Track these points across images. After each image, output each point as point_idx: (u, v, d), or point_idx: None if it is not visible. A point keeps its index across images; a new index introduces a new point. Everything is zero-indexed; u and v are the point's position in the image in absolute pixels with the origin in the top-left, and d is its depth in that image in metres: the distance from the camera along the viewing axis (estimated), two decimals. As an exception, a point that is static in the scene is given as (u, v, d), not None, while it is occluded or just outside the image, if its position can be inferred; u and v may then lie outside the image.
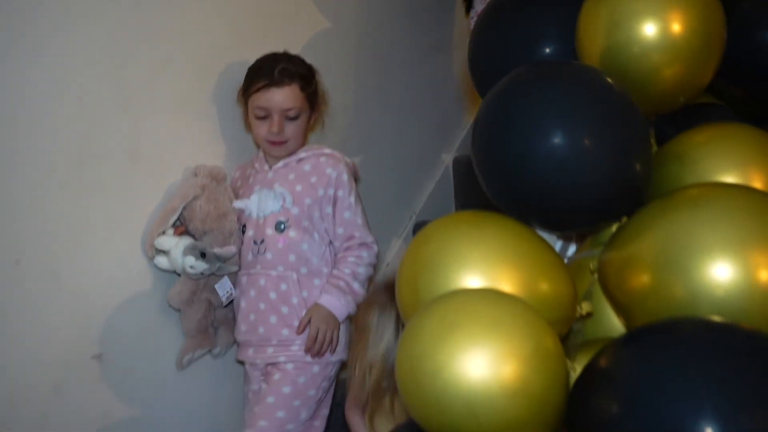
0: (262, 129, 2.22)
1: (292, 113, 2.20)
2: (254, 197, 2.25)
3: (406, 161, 3.31)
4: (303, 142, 2.33)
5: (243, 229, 2.28)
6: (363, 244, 2.27)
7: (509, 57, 1.54)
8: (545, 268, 1.31)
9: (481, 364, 1.08)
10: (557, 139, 1.32)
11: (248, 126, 2.35)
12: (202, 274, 2.13)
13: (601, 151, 1.34)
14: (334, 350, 2.23)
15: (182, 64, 2.32)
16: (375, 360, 1.93)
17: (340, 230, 2.25)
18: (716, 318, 1.15)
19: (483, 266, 1.25)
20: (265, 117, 2.20)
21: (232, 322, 2.34)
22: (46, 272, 2.02)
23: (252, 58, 2.31)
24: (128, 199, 2.20)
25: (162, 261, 2.13)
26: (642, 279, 1.26)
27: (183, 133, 2.35)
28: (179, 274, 2.18)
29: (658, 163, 1.45)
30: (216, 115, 2.48)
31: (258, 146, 2.37)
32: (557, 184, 1.33)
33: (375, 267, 2.34)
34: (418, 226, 3.06)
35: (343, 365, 2.32)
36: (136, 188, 2.22)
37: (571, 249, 1.54)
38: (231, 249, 2.17)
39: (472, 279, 1.24)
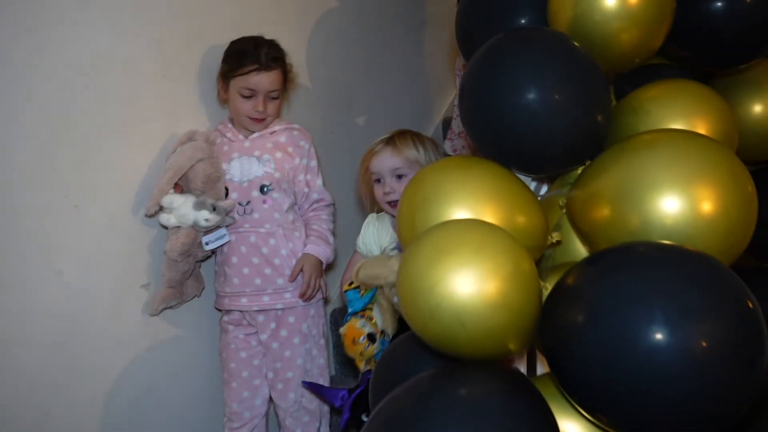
0: (246, 106, 2.20)
1: (274, 94, 2.22)
2: (235, 163, 2.22)
3: (404, 117, 3.30)
4: (276, 117, 2.33)
5: (225, 192, 2.24)
6: (329, 204, 2.37)
7: (491, 27, 1.54)
8: (521, 204, 1.34)
9: (468, 282, 1.11)
10: (531, 95, 1.34)
11: (222, 100, 2.32)
12: (207, 222, 2.09)
13: (568, 104, 1.36)
14: (325, 292, 2.35)
15: (212, 37, 2.33)
16: None
17: (314, 195, 2.30)
18: (665, 242, 1.19)
19: (469, 201, 1.28)
20: (250, 96, 2.19)
21: (199, 275, 2.33)
22: (104, 215, 2.05)
23: (269, 32, 2.30)
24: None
25: (166, 218, 2.09)
26: (603, 212, 1.29)
27: (213, 97, 2.36)
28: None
29: (617, 115, 1.47)
30: None
31: (232, 119, 2.33)
32: (531, 133, 1.36)
33: None
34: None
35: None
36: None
37: (543, 189, 1.56)
38: (232, 201, 2.18)
39: (460, 212, 1.27)
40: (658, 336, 1.06)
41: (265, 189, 2.21)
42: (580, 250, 1.43)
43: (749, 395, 1.12)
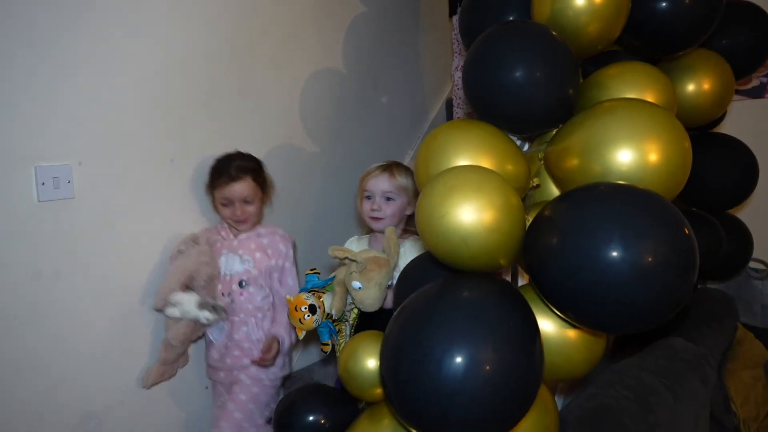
0: (225, 213, 1.99)
1: (248, 199, 1.97)
2: (222, 259, 2.00)
3: (418, 97, 3.19)
4: (259, 218, 2.08)
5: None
6: None
7: (486, 21, 1.49)
8: (510, 155, 1.31)
9: (470, 212, 1.09)
10: (518, 73, 1.31)
11: (216, 209, 2.04)
12: (207, 321, 1.90)
13: (547, 80, 1.32)
14: (280, 366, 2.07)
15: (275, 32, 2.25)
16: None
17: (283, 292, 2.05)
18: (621, 182, 1.15)
19: (471, 153, 1.26)
20: (228, 204, 1.97)
21: (186, 351, 2.05)
22: (189, 176, 2.01)
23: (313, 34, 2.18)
24: (238, 125, 2.17)
25: (172, 311, 1.87)
26: (572, 162, 1.26)
27: (277, 79, 2.29)
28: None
29: (584, 89, 1.43)
30: (301, 68, 2.41)
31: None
32: (517, 102, 1.33)
33: None
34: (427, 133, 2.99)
35: (283, 380, 2.15)
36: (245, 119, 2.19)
37: (526, 146, 1.52)
38: (227, 302, 1.98)
39: (464, 160, 1.24)
40: (615, 253, 1.04)
41: (243, 283, 1.99)
42: (554, 192, 1.40)
43: (682, 299, 1.10)
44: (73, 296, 1.71)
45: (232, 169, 1.94)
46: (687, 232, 1.08)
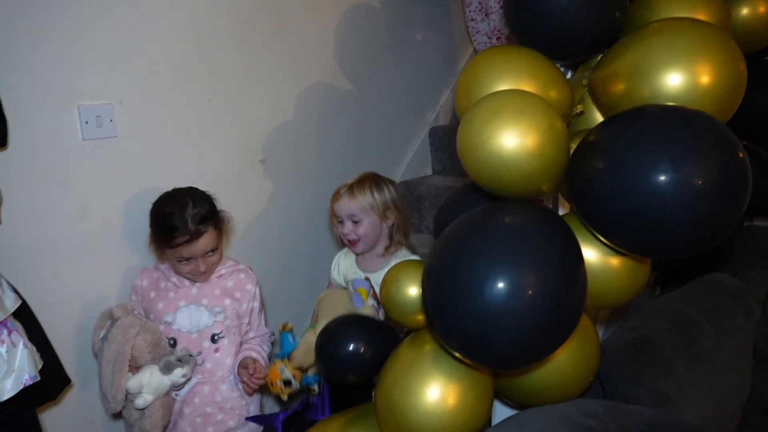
0: (185, 269, 1.66)
1: (211, 251, 1.67)
2: (183, 313, 1.68)
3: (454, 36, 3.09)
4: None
5: (172, 343, 1.68)
6: (266, 334, 1.85)
7: None
8: (554, 81, 1.27)
9: (513, 136, 1.07)
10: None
11: (159, 255, 1.74)
12: (185, 377, 1.60)
13: (591, 1, 1.26)
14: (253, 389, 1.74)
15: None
16: None
17: (251, 334, 1.80)
18: (670, 103, 1.11)
19: (513, 78, 1.22)
20: (188, 260, 1.65)
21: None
22: (225, 117, 2.02)
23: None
24: (272, 65, 2.15)
25: (143, 399, 1.54)
26: (619, 86, 1.22)
27: (311, 17, 2.25)
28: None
29: (631, 11, 1.36)
30: (335, 5, 2.35)
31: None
32: (561, 25, 1.27)
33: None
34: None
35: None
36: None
37: (569, 74, 1.47)
38: (188, 348, 1.67)
39: (505, 86, 1.21)
40: (664, 175, 1.01)
41: (216, 338, 1.70)
42: (599, 119, 1.34)
43: (731, 224, 1.07)
44: (118, 234, 1.75)
45: (189, 223, 1.59)
46: (741, 155, 1.05)
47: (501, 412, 1.41)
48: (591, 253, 1.22)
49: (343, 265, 1.89)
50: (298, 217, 2.26)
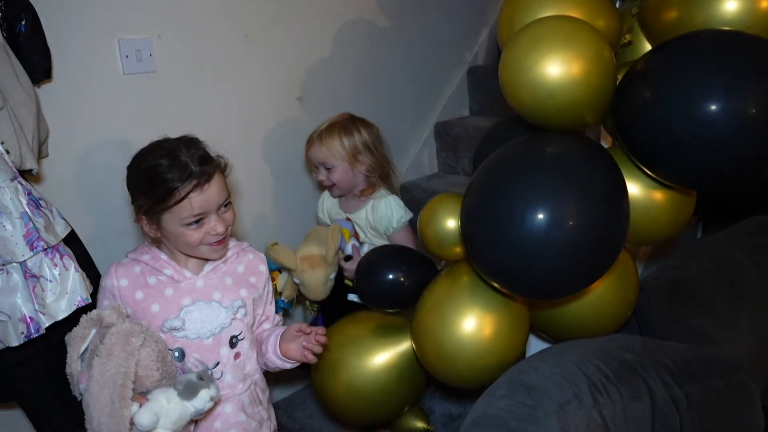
0: (197, 235, 1.18)
1: (227, 202, 1.22)
2: (194, 314, 1.21)
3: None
4: None
5: (178, 355, 1.21)
6: (280, 322, 1.40)
7: None
8: (602, 9, 1.21)
9: (558, 63, 1.04)
10: None
11: (153, 239, 1.25)
12: (213, 401, 1.12)
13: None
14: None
15: None
16: None
17: (267, 325, 1.36)
18: (726, 28, 1.06)
19: (560, 4, 1.17)
20: (200, 221, 1.18)
21: None
22: (267, 45, 2.00)
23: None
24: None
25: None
26: (671, 14, 1.17)
27: None
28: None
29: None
30: None
31: (164, 249, 1.26)
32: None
33: None
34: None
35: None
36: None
37: (618, 2, 1.41)
38: (204, 363, 1.21)
39: (552, 12, 1.16)
40: (715, 104, 0.98)
41: (235, 341, 1.26)
42: (648, 50, 1.30)
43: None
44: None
45: (191, 164, 1.15)
46: (799, 81, 1.00)
47: (536, 345, 1.42)
48: (634, 187, 1.20)
49: (327, 205, 1.88)
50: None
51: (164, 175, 1.14)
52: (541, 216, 1.02)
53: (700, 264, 1.57)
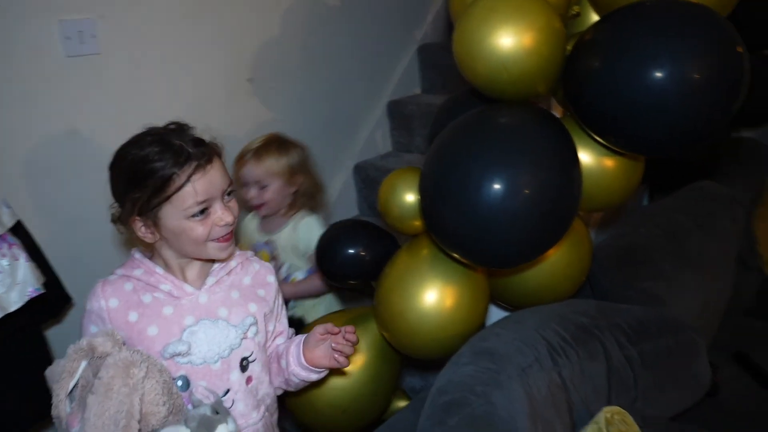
0: (202, 229, 1.02)
1: (231, 189, 1.07)
2: (198, 335, 1.04)
3: None
4: None
5: (181, 384, 1.04)
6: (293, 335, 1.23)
7: None
8: (550, -20, 1.23)
9: (510, 34, 1.06)
10: None
11: (147, 246, 1.08)
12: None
13: None
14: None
15: None
16: None
17: (281, 340, 1.19)
18: (669, -2, 1.09)
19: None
20: (205, 210, 1.02)
21: None
22: (214, 25, 1.95)
23: None
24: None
25: None
26: (616, -16, 1.19)
27: None
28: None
29: None
30: None
31: (157, 261, 1.09)
32: None
33: None
34: None
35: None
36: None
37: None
38: (213, 391, 1.03)
39: (502, -16, 1.17)
40: (661, 71, 1.01)
41: (246, 363, 1.09)
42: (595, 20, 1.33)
43: (727, 119, 1.07)
44: (107, 153, 1.73)
45: (188, 147, 1.00)
46: (740, 49, 1.04)
47: (496, 314, 1.45)
48: (586, 155, 1.23)
49: (249, 229, 1.76)
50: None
51: (159, 162, 0.97)
52: (497, 186, 1.04)
53: (648, 230, 1.63)
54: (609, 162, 1.22)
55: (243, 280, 1.13)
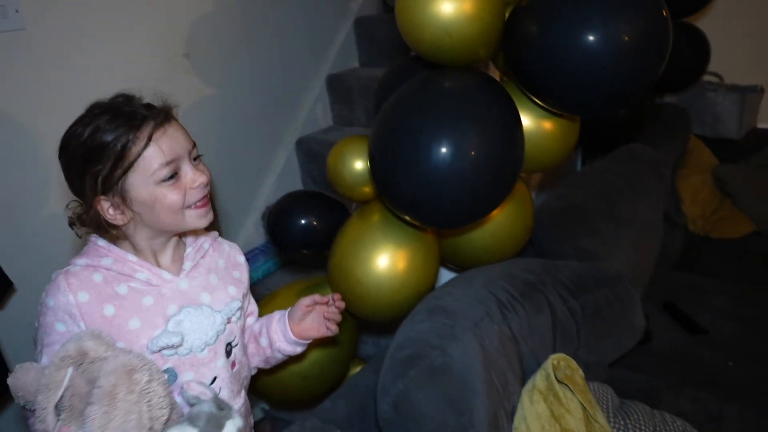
0: (176, 195, 0.93)
1: (196, 153, 0.98)
2: (183, 324, 0.97)
3: None
4: None
5: (168, 377, 0.95)
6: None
7: None
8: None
9: (452, 0, 1.09)
10: None
11: (110, 228, 0.94)
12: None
13: None
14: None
15: None
16: None
17: (251, 320, 1.17)
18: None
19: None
20: (174, 176, 0.92)
21: None
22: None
23: None
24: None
25: None
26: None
27: None
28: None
29: None
30: None
31: (125, 247, 0.98)
32: None
33: None
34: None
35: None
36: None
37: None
38: (202, 383, 0.94)
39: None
40: (593, 35, 1.06)
41: (230, 348, 1.05)
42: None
43: (654, 78, 1.15)
44: (34, 135, 1.67)
45: (141, 109, 0.92)
46: (665, 13, 1.11)
47: (446, 276, 1.50)
48: (526, 118, 1.28)
49: None
50: (229, 111, 2.21)
51: (114, 131, 0.89)
52: (445, 149, 1.08)
53: (584, 191, 1.71)
54: (548, 124, 1.28)
55: (218, 263, 1.07)
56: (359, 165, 1.30)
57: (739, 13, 2.47)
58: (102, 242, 0.96)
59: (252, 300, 1.17)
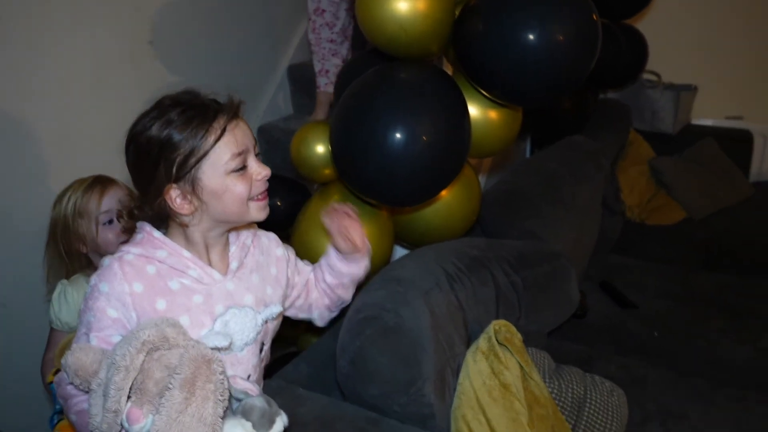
0: (243, 186, 0.96)
1: (257, 149, 1.00)
2: (231, 325, 1.00)
3: None
4: None
5: None
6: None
7: None
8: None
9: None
10: None
11: (181, 223, 0.98)
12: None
13: None
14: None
15: None
16: None
17: (307, 274, 1.22)
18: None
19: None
20: (243, 168, 0.95)
21: None
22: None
23: None
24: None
25: None
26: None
27: None
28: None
29: None
30: None
31: (178, 241, 0.99)
32: None
33: None
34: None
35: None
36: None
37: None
38: (249, 386, 0.95)
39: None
40: (533, 33, 1.20)
41: (263, 346, 1.09)
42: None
43: (585, 74, 1.29)
44: (6, 122, 1.71)
45: (210, 102, 0.95)
46: (594, 17, 1.26)
47: (400, 253, 1.63)
48: (473, 107, 1.41)
49: (76, 299, 1.31)
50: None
51: (188, 123, 0.91)
52: (399, 134, 1.20)
53: (528, 177, 1.86)
54: (493, 113, 1.42)
55: (259, 260, 1.08)
56: (321, 149, 1.41)
57: (676, 17, 2.67)
58: (157, 234, 0.97)
59: (302, 265, 1.20)
